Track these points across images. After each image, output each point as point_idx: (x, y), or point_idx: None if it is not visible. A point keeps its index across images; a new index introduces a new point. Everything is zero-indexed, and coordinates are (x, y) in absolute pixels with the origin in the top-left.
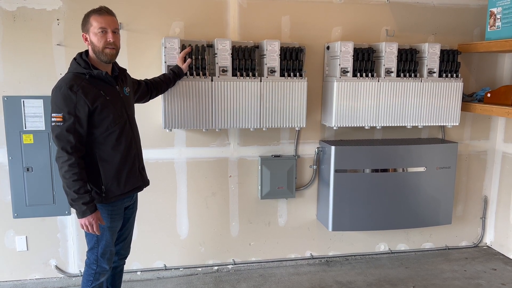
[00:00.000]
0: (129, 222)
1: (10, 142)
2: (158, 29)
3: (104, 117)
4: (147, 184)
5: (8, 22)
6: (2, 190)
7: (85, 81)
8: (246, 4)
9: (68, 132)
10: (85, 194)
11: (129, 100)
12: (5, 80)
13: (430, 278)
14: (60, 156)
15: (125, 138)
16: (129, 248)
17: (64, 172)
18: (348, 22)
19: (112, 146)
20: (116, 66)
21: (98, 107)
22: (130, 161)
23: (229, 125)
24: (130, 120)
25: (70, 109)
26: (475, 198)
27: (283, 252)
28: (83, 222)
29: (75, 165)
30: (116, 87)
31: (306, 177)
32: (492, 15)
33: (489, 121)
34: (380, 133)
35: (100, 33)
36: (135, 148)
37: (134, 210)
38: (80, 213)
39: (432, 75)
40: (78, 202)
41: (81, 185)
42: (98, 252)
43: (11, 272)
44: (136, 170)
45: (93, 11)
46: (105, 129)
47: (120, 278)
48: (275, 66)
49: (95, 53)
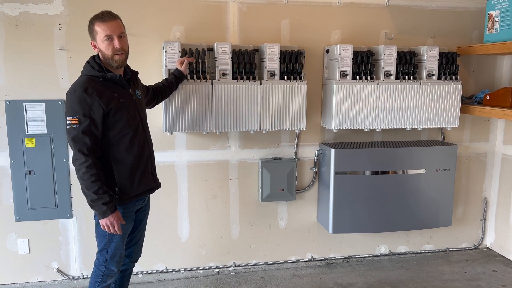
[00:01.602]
0: (141, 225)
1: (12, 146)
2: (159, 33)
3: (118, 119)
4: (159, 186)
5: (10, 27)
6: (4, 193)
7: (99, 84)
8: (246, 8)
9: (84, 134)
10: (104, 195)
11: (142, 103)
12: (7, 84)
13: (430, 280)
14: (77, 159)
15: (138, 140)
16: (140, 251)
17: (82, 174)
18: (347, 25)
19: (125, 148)
20: (128, 69)
21: (112, 109)
22: (143, 163)
23: (230, 128)
24: (143, 122)
25: (85, 111)
26: (475, 200)
27: (284, 254)
28: (104, 223)
29: (92, 167)
30: (129, 90)
31: (306, 180)
32: (491, 17)
33: (489, 123)
34: (379, 136)
35: (107, 40)
36: (148, 150)
37: (146, 213)
38: (101, 214)
39: (431, 78)
40: (98, 202)
41: (100, 186)
42: (107, 254)
43: (13, 275)
44: (149, 172)
45: (96, 18)
46: (118, 131)
47: (128, 280)
48: (275, 69)
49: (105, 59)
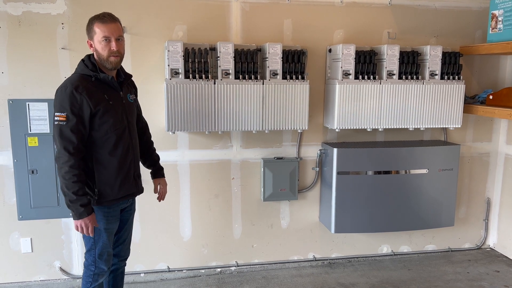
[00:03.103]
0: (127, 224)
1: (15, 145)
2: (161, 32)
3: (104, 121)
4: (141, 192)
5: (13, 26)
6: (7, 193)
7: (91, 83)
8: (249, 7)
9: (72, 132)
10: (84, 196)
11: (132, 107)
12: (10, 84)
13: (432, 280)
14: (60, 156)
15: (123, 144)
16: (128, 250)
17: (64, 173)
18: (350, 25)
19: (109, 151)
20: (122, 71)
21: (100, 110)
22: (125, 167)
23: (232, 128)
24: (130, 126)
25: (74, 109)
26: (478, 200)
27: (286, 254)
28: (79, 224)
29: (75, 166)
30: (121, 93)
31: (309, 179)
32: (494, 17)
33: (492, 123)
34: (382, 135)
35: (104, 41)
36: (132, 155)
37: (131, 212)
38: (77, 215)
39: (434, 77)
40: (76, 203)
41: (80, 187)
42: (95, 254)
43: (16, 274)
44: (131, 177)
45: (96, 18)
46: (104, 133)
47: (122, 280)
48: (277, 69)
49: (100, 60)
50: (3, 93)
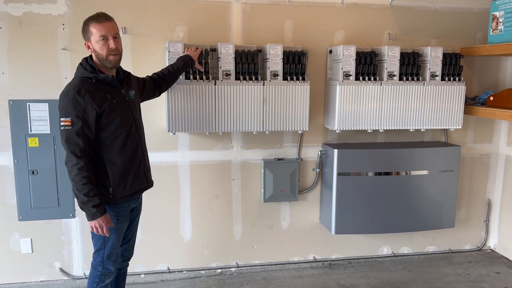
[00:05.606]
0: (133, 224)
1: (16, 146)
2: (162, 33)
3: (111, 120)
4: (151, 186)
5: (14, 27)
6: (8, 193)
7: (92, 86)
8: (249, 8)
9: (77, 136)
10: (95, 197)
11: (135, 103)
12: (11, 84)
13: (433, 282)
14: (69, 160)
15: (131, 140)
16: (132, 250)
17: (74, 176)
18: (350, 26)
19: (119, 149)
20: (120, 70)
21: (105, 110)
22: (136, 163)
23: (232, 129)
24: (136, 123)
25: (78, 113)
26: (479, 201)
27: (286, 255)
28: (93, 225)
29: (84, 169)
30: (122, 91)
31: (309, 180)
32: (495, 18)
33: (492, 124)
34: (382, 136)
35: (102, 41)
36: (141, 151)
37: (138, 213)
38: (90, 216)
39: (435, 79)
40: (88, 205)
41: (91, 188)
42: (104, 254)
43: (16, 274)
44: (142, 172)
45: (91, 19)
46: (112, 132)
47: (124, 280)
48: (278, 69)
49: (99, 60)
50: (4, 93)
